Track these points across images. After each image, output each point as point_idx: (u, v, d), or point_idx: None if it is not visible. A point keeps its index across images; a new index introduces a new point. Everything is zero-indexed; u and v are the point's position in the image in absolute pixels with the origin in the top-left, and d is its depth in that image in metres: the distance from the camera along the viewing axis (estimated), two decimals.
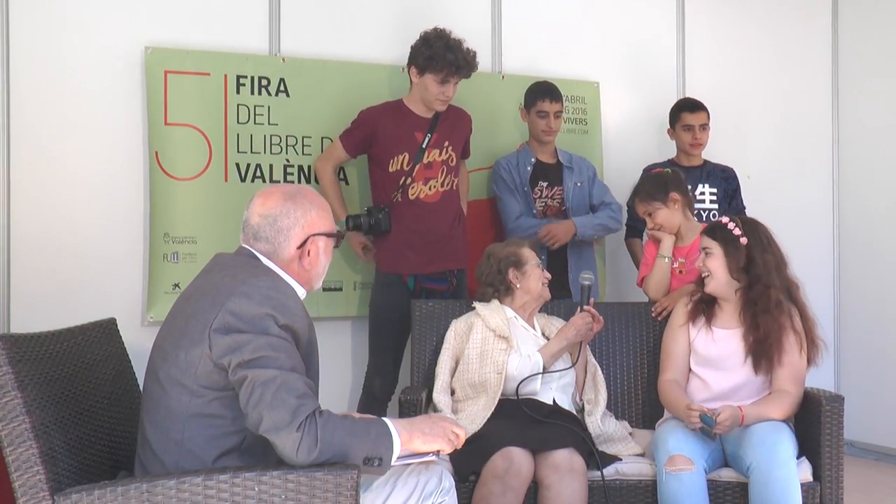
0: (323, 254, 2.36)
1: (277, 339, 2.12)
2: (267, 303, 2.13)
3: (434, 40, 3.81)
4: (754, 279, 3.18)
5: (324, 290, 4.13)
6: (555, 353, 3.34)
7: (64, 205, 3.82)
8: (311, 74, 4.17)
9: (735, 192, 4.49)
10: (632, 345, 3.68)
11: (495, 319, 3.39)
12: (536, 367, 3.27)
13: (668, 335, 3.41)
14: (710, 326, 3.28)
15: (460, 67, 3.81)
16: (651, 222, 3.69)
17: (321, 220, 2.35)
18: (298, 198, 2.33)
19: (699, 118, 4.42)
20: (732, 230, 3.22)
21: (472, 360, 3.34)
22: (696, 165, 4.45)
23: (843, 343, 5.33)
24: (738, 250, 3.19)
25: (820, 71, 5.40)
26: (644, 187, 3.72)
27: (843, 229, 5.39)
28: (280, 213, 2.30)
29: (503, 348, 3.31)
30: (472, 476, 2.98)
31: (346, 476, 2.05)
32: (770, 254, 3.20)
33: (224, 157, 4.00)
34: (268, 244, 2.30)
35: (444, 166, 3.95)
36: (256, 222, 2.30)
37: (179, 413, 2.14)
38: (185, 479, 2.03)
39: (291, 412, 2.04)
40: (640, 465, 3.12)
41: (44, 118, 3.79)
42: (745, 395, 3.16)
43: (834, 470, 3.04)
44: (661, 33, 5.04)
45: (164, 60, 3.91)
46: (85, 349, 2.46)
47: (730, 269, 3.20)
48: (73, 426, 2.25)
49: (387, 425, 2.19)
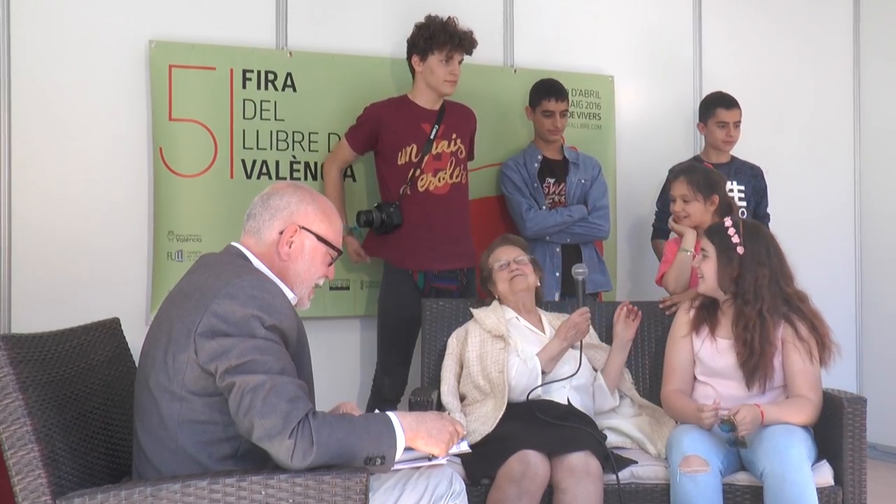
0: (307, 254, 2.31)
1: (265, 342, 2.08)
2: (252, 303, 2.10)
3: (429, 22, 3.88)
4: (743, 292, 3.14)
5: (330, 289, 4.14)
6: (554, 355, 3.29)
7: (66, 202, 3.82)
8: (318, 69, 4.16)
9: (763, 192, 4.48)
10: (647, 343, 3.67)
11: (491, 320, 3.40)
12: (535, 372, 3.24)
13: (670, 346, 3.38)
14: (714, 336, 3.25)
15: (462, 40, 3.86)
16: (680, 206, 3.65)
17: (316, 219, 2.32)
18: (304, 191, 2.33)
19: (734, 115, 4.41)
20: (731, 237, 3.17)
21: (472, 363, 3.34)
22: (725, 162, 4.44)
23: (866, 343, 5.29)
24: (731, 260, 3.14)
25: (841, 63, 5.37)
26: (696, 175, 3.65)
27: (866, 227, 5.36)
28: (276, 194, 2.31)
29: (501, 347, 3.31)
30: (484, 479, 2.98)
31: (355, 479, 2.04)
32: (767, 267, 3.14)
33: (230, 154, 4.00)
34: (254, 221, 2.29)
35: (452, 158, 3.97)
36: (255, 202, 2.32)
37: (170, 421, 2.12)
38: (191, 482, 2.02)
39: (283, 418, 2.01)
40: (656, 468, 3.11)
41: (46, 114, 3.79)
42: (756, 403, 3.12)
43: (856, 474, 3.02)
44: (677, 25, 5.02)
45: (168, 54, 3.90)
46: (88, 350, 2.45)
47: (720, 277, 3.17)
48: (75, 429, 2.24)
49: (390, 420, 2.16)
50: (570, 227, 4.20)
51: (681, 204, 3.65)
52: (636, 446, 3.33)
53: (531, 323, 3.48)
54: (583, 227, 4.22)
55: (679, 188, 3.67)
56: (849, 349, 4.82)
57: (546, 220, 4.15)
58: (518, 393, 3.23)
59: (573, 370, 3.30)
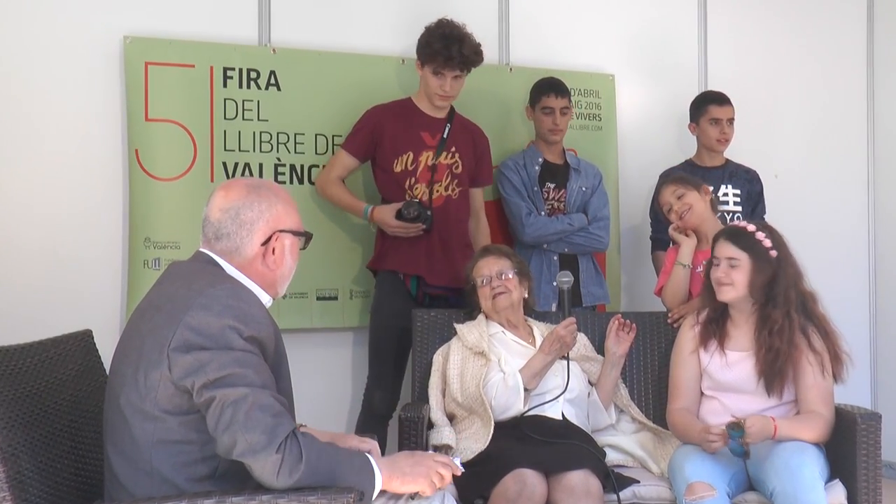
0: (289, 253, 2.29)
1: (243, 354, 2.06)
2: (228, 313, 2.07)
3: (434, 30, 3.82)
4: (773, 296, 3.14)
5: (318, 300, 4.11)
6: (537, 371, 3.24)
7: (35, 207, 3.79)
8: (304, 67, 4.14)
9: (759, 197, 4.47)
10: (648, 355, 3.67)
11: (473, 335, 3.39)
12: (516, 389, 3.19)
13: (676, 362, 3.38)
14: (724, 350, 3.24)
15: (450, 59, 3.77)
16: (678, 204, 3.66)
17: (287, 216, 2.29)
18: (263, 190, 2.28)
19: (727, 112, 4.40)
20: (762, 241, 3.17)
21: (452, 380, 3.33)
22: (718, 165, 4.43)
23: (881, 357, 5.30)
24: (768, 265, 3.15)
25: (853, 61, 5.37)
26: (676, 174, 3.77)
27: (880, 233, 5.36)
28: (243, 205, 2.24)
29: (482, 364, 3.30)
30: (478, 500, 2.95)
31: (342, 500, 2.01)
32: (791, 266, 3.17)
33: (210, 156, 3.97)
34: (229, 241, 2.23)
35: (448, 171, 3.93)
36: (217, 218, 2.24)
37: (144, 442, 2.09)
38: None
39: (269, 432, 1.99)
40: (659, 488, 3.11)
41: (12, 114, 3.76)
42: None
43: (871, 494, 3.00)
44: (681, 21, 5.02)
45: (144, 51, 3.87)
46: (58, 364, 2.41)
47: (752, 285, 3.16)
48: (43, 448, 2.20)
49: (369, 460, 2.17)
50: (569, 235, 4.16)
51: (677, 203, 3.67)
52: (638, 465, 3.33)
53: (519, 336, 3.46)
54: (582, 238, 4.19)
55: (667, 191, 3.73)
56: (863, 362, 4.84)
57: (546, 226, 4.12)
58: (500, 412, 3.19)
59: (563, 384, 3.26)
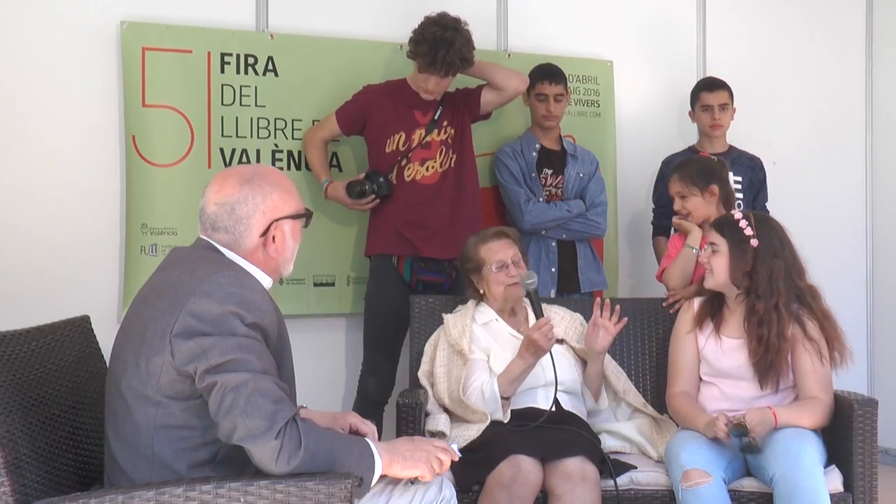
0: (290, 237, 2.32)
1: (246, 340, 2.09)
2: (230, 300, 2.10)
3: (427, 26, 3.80)
4: (756, 286, 3.15)
5: (315, 286, 4.13)
6: (515, 377, 3.17)
7: (32, 193, 3.79)
8: (301, 52, 4.14)
9: (762, 184, 4.47)
10: (647, 341, 3.67)
11: (456, 329, 3.37)
12: (493, 399, 3.14)
13: (674, 344, 3.39)
14: (719, 335, 3.26)
15: (433, 63, 3.78)
16: (680, 205, 3.67)
17: (284, 203, 2.29)
18: (257, 180, 2.28)
19: (718, 98, 4.40)
20: (744, 229, 3.18)
21: (440, 378, 3.34)
22: (721, 152, 4.39)
23: (878, 343, 5.30)
24: (745, 253, 3.15)
25: (852, 47, 5.36)
26: (687, 169, 3.67)
27: (878, 221, 5.35)
28: (238, 200, 2.25)
29: (461, 364, 3.29)
30: (475, 486, 2.97)
31: (340, 486, 2.03)
32: (781, 259, 3.16)
33: (207, 142, 3.98)
34: (227, 234, 2.25)
35: (442, 146, 3.97)
36: (213, 211, 2.26)
37: (145, 427, 2.11)
38: (165, 489, 2.00)
39: (268, 418, 2.02)
40: (656, 474, 3.12)
41: (8, 100, 3.75)
42: (766, 405, 3.12)
43: (867, 479, 3.02)
44: (680, 8, 5.00)
45: (141, 36, 3.87)
46: (55, 350, 2.43)
47: (732, 272, 3.17)
48: (41, 433, 2.22)
49: (368, 444, 2.20)
50: (567, 222, 4.19)
51: (679, 202, 3.67)
52: (636, 450, 3.32)
53: (513, 325, 3.43)
54: (580, 224, 4.21)
55: (673, 186, 3.69)
56: (860, 349, 4.79)
57: (545, 213, 4.14)
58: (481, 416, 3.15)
59: (552, 379, 3.19)
